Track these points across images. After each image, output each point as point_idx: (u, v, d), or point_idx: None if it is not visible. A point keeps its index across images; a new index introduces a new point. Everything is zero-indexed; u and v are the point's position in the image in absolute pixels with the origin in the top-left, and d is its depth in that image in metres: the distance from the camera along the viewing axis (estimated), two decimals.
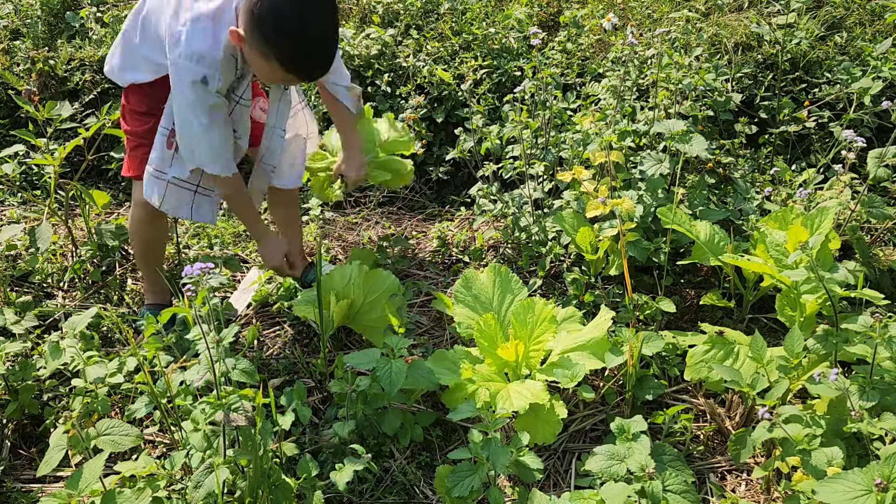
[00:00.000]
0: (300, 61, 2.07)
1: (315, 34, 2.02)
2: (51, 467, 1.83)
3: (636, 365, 2.21)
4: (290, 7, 1.96)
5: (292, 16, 1.96)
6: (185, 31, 2.06)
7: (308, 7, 1.97)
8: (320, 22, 2.01)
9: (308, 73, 2.14)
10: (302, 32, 1.99)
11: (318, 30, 2.02)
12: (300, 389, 2.13)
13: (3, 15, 4.23)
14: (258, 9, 1.96)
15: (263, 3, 1.96)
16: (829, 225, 2.31)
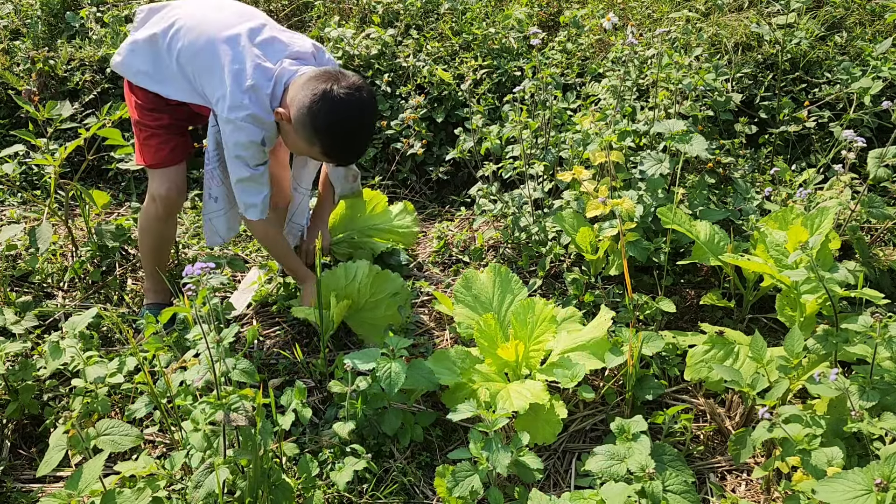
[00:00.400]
0: (343, 156, 2.35)
1: (361, 137, 2.30)
2: (51, 467, 1.83)
3: (636, 365, 2.21)
4: (347, 112, 2.21)
5: (348, 120, 2.22)
6: (249, 97, 2.26)
7: (360, 112, 2.24)
8: (366, 126, 2.29)
9: (345, 163, 2.43)
10: (353, 135, 2.27)
11: (364, 134, 2.30)
12: (300, 389, 2.13)
13: (3, 15, 4.23)
14: (317, 106, 2.19)
15: (323, 103, 2.19)
16: (829, 225, 2.31)
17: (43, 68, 3.80)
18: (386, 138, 3.67)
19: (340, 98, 2.19)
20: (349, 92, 2.21)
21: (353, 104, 2.21)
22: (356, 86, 2.23)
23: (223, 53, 2.29)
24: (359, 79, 2.27)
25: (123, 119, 2.81)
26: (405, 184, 3.66)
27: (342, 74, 2.25)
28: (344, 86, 2.21)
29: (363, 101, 2.24)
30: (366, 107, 2.25)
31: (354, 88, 2.22)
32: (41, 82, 3.81)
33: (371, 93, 2.28)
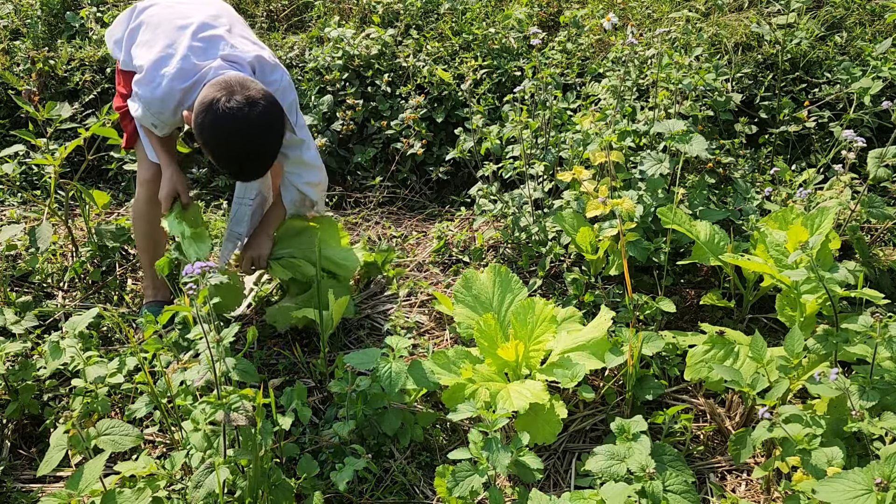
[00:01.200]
0: (231, 172, 2.29)
1: (247, 157, 2.19)
2: (51, 467, 1.83)
3: (636, 365, 2.21)
4: (229, 128, 2.11)
5: (230, 137, 2.13)
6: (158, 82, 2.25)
7: (245, 131, 2.11)
8: (252, 145, 2.16)
9: (237, 179, 2.38)
10: (236, 154, 2.17)
11: (250, 153, 2.18)
12: (300, 389, 2.13)
13: (3, 15, 4.23)
14: (201, 117, 2.13)
15: (206, 114, 2.12)
16: (829, 225, 2.31)
17: (43, 68, 3.80)
18: (386, 138, 3.67)
19: (224, 112, 2.08)
20: (237, 108, 2.08)
21: (238, 121, 2.09)
22: (250, 101, 2.10)
23: (166, 35, 2.32)
24: (258, 95, 2.14)
25: None
26: (405, 184, 3.66)
27: (242, 87, 2.12)
28: (235, 100, 2.09)
29: (251, 120, 2.10)
30: (254, 126, 2.11)
31: (246, 104, 2.09)
32: (41, 82, 3.81)
33: (267, 112, 2.14)
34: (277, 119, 2.19)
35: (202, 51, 2.29)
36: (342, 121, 3.62)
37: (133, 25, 2.48)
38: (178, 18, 2.37)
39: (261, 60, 2.35)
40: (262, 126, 2.13)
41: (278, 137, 2.22)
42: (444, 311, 2.66)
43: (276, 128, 2.19)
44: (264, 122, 2.13)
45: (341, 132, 3.64)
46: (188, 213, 2.38)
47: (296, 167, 2.55)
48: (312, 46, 3.92)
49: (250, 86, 2.15)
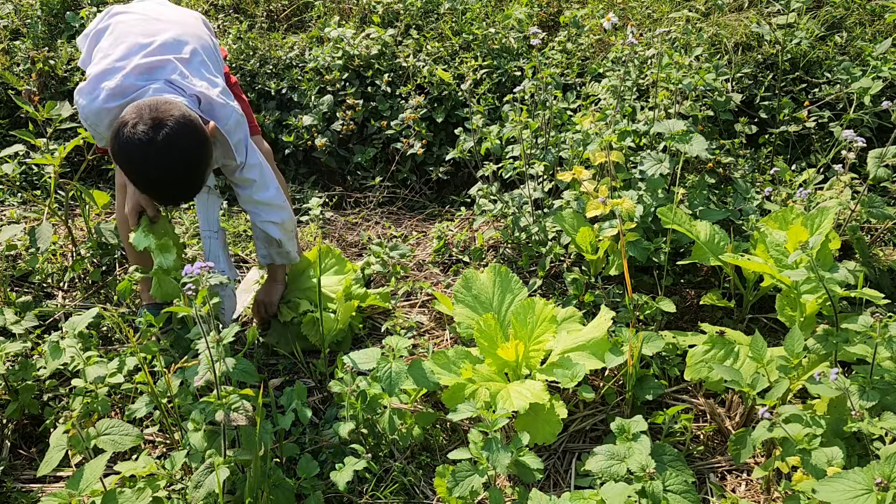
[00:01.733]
0: (151, 196, 2.20)
1: (156, 184, 2.09)
2: (51, 467, 1.83)
3: (636, 365, 2.21)
4: (132, 154, 2.03)
5: (134, 163, 2.05)
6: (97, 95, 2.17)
7: (145, 158, 2.02)
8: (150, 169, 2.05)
9: (159, 202, 2.26)
10: (144, 180, 2.09)
11: (160, 181, 2.08)
12: (300, 389, 2.13)
13: (3, 15, 4.23)
14: (112, 140, 2.06)
15: (114, 138, 2.04)
16: (829, 225, 2.31)
17: (43, 68, 3.80)
18: (386, 138, 3.67)
19: (128, 138, 2.00)
20: (142, 132, 1.98)
21: (139, 147, 1.99)
22: (156, 124, 1.99)
23: (125, 48, 2.23)
24: (169, 117, 2.02)
25: None
26: (405, 184, 3.66)
27: (153, 110, 2.02)
28: (143, 124, 1.99)
29: (153, 145, 1.99)
30: (156, 151, 1.99)
31: (150, 128, 1.99)
32: (41, 82, 3.81)
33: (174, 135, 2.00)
34: (188, 141, 2.05)
35: (148, 71, 2.19)
36: (342, 121, 3.62)
37: (101, 27, 2.40)
38: (143, 36, 2.27)
39: (207, 97, 2.24)
40: (164, 150, 2.00)
41: (188, 161, 2.07)
42: (444, 311, 2.66)
43: (185, 151, 2.05)
44: (168, 146, 2.00)
45: (341, 132, 3.65)
46: (157, 226, 2.32)
47: (253, 206, 2.46)
48: (312, 46, 3.92)
49: (165, 109, 2.03)
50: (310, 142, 3.63)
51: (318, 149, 3.61)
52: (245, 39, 3.90)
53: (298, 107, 3.74)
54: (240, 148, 2.33)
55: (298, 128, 3.62)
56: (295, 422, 2.09)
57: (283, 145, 3.68)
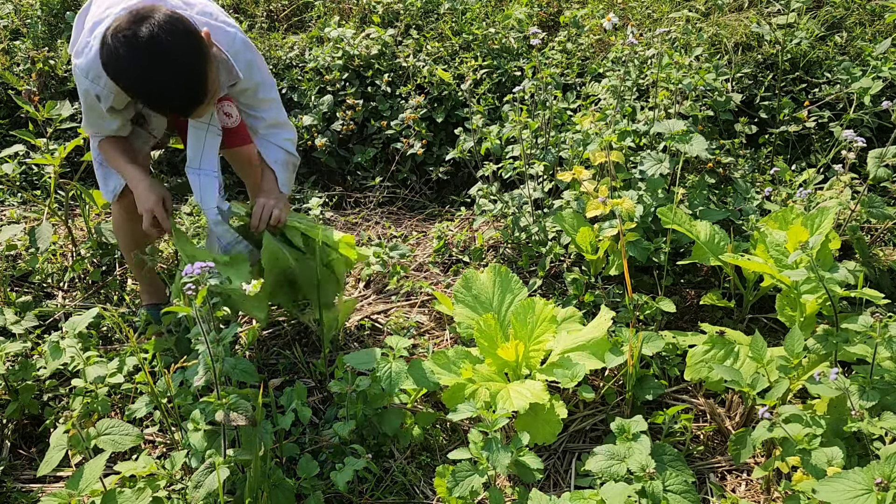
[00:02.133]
0: (150, 107, 2.03)
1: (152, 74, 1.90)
2: (51, 467, 1.83)
3: (636, 365, 2.21)
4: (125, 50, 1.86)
5: (126, 60, 1.88)
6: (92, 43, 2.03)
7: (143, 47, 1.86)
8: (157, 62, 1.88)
9: (163, 113, 2.12)
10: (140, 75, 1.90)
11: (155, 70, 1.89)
12: (300, 389, 2.13)
13: (3, 15, 4.23)
14: (101, 54, 1.92)
15: (104, 48, 1.90)
16: (829, 225, 2.31)
17: (43, 68, 3.80)
18: (386, 138, 3.67)
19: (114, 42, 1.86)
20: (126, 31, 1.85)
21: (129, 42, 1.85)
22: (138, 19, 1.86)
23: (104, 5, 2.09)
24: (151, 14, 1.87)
25: None
26: (405, 184, 3.66)
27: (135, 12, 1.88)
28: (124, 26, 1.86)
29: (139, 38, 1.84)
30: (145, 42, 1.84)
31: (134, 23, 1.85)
32: (41, 82, 3.81)
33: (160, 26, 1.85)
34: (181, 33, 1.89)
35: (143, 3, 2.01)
36: (342, 121, 3.62)
37: (82, 15, 2.25)
38: None
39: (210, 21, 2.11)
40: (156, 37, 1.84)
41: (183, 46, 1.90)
42: (444, 311, 2.66)
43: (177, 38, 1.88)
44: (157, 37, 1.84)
45: (341, 132, 3.65)
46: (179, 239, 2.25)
47: (274, 128, 2.40)
48: (312, 46, 3.92)
49: (146, 9, 1.89)
50: (310, 142, 3.63)
51: (318, 149, 3.61)
52: None
53: (298, 107, 3.74)
54: (253, 68, 2.24)
55: (298, 128, 3.62)
56: (295, 422, 2.09)
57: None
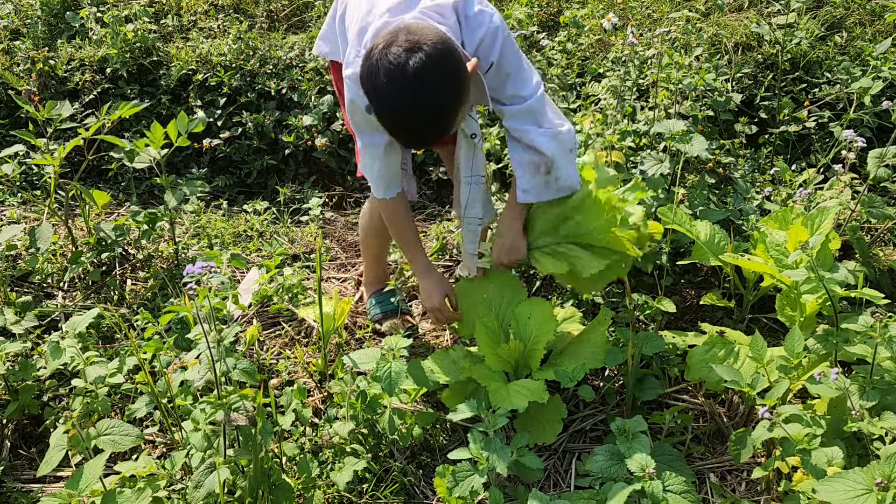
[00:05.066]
0: (395, 137, 1.95)
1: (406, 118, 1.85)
2: (51, 467, 1.83)
3: (636, 365, 2.21)
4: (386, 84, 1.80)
5: (384, 93, 1.82)
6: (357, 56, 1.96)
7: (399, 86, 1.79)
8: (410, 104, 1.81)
9: (405, 144, 2.00)
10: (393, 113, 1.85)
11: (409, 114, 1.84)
12: (300, 389, 2.13)
13: (3, 15, 4.23)
14: (361, 70, 1.86)
15: (365, 69, 1.84)
16: (830, 225, 2.31)
17: (43, 68, 3.80)
18: None
19: (377, 63, 1.79)
20: (393, 56, 1.77)
21: (391, 72, 1.77)
22: (411, 47, 1.77)
23: (365, 6, 2.03)
24: (425, 39, 1.79)
25: (123, 119, 2.81)
26: None
27: (408, 32, 1.80)
28: (395, 47, 1.77)
29: (406, 70, 1.76)
30: (411, 77, 1.76)
31: (405, 51, 1.76)
32: (41, 82, 3.81)
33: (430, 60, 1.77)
34: (445, 69, 1.81)
35: (402, 7, 1.96)
36: (342, 121, 3.61)
37: (340, 12, 2.20)
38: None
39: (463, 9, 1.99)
40: (420, 75, 1.76)
41: (444, 90, 1.82)
42: None
43: (441, 79, 1.81)
44: (420, 76, 1.76)
45: (341, 132, 3.64)
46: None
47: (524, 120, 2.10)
48: (312, 46, 3.92)
49: (419, 31, 1.81)
50: (310, 142, 3.63)
51: (318, 149, 3.61)
52: (245, 39, 3.90)
53: (298, 107, 3.74)
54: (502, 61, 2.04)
55: (298, 128, 3.62)
56: (295, 422, 2.10)
57: (283, 145, 3.68)
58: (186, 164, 3.78)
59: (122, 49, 3.84)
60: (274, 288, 2.83)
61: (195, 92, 3.79)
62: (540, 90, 2.10)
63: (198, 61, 3.85)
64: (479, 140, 2.21)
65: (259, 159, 3.72)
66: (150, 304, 2.83)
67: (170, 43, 4.04)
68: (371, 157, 2.16)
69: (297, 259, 3.15)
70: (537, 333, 2.30)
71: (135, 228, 3.09)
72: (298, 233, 3.32)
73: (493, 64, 2.04)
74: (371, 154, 2.15)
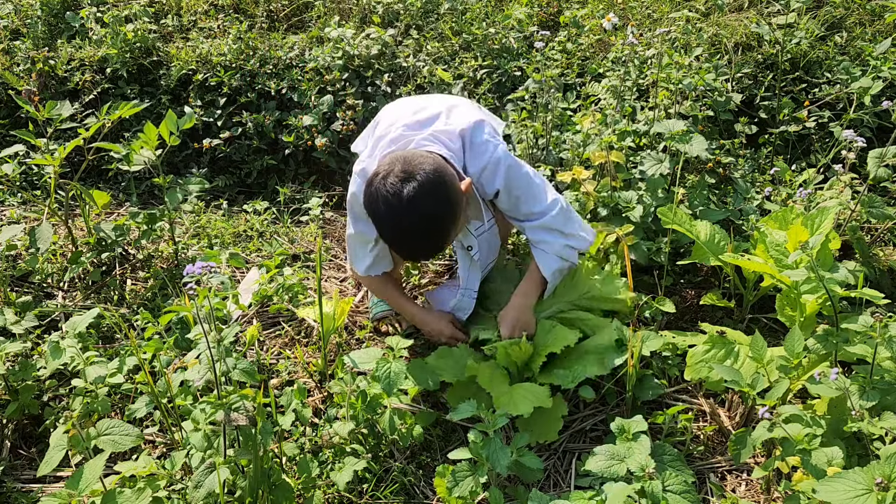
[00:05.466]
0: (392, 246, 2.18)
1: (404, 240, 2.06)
2: (51, 467, 1.83)
3: (636, 365, 2.21)
4: (384, 209, 2.01)
5: (383, 218, 2.03)
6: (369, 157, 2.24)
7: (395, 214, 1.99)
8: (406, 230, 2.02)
9: (405, 258, 2.33)
10: (393, 236, 2.07)
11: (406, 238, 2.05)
12: (300, 389, 2.13)
13: (3, 15, 4.23)
14: (365, 192, 2.07)
15: (365, 192, 2.06)
16: (830, 225, 2.31)
17: (43, 68, 3.80)
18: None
19: (377, 190, 2.00)
20: (390, 184, 1.97)
21: (388, 199, 1.98)
22: (406, 176, 1.97)
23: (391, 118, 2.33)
24: (420, 170, 1.99)
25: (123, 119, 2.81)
26: None
27: (405, 162, 2.01)
28: (392, 176, 1.98)
29: (401, 201, 1.96)
30: (404, 208, 1.96)
31: (400, 181, 1.97)
32: (41, 82, 3.81)
33: (422, 189, 1.97)
34: (437, 196, 2.00)
35: (417, 126, 2.23)
36: (342, 121, 3.61)
37: (377, 120, 2.48)
38: (412, 104, 2.37)
39: (475, 130, 2.22)
40: (414, 202, 1.96)
41: (436, 215, 2.01)
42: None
43: (434, 205, 2.00)
44: (418, 198, 1.96)
45: (341, 132, 3.64)
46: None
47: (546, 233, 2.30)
48: (312, 46, 3.92)
49: (414, 160, 2.02)
50: (310, 142, 3.63)
51: (318, 149, 3.61)
52: (245, 39, 3.90)
53: (298, 107, 3.74)
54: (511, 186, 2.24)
55: (298, 128, 3.62)
56: (295, 422, 2.09)
57: (283, 145, 3.68)
58: (186, 164, 3.78)
59: (122, 49, 3.84)
60: (274, 288, 2.83)
61: (195, 92, 3.79)
62: (558, 206, 2.28)
63: (198, 61, 3.85)
64: (476, 252, 2.39)
65: (259, 159, 3.72)
66: (150, 304, 2.83)
67: (170, 43, 4.04)
68: (362, 243, 2.39)
69: (297, 259, 3.16)
70: (550, 344, 2.29)
71: (135, 228, 3.09)
72: (298, 233, 3.32)
73: (500, 190, 2.24)
74: (361, 241, 2.38)
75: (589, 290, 2.41)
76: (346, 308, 2.55)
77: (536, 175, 2.31)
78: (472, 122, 2.23)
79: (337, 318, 2.52)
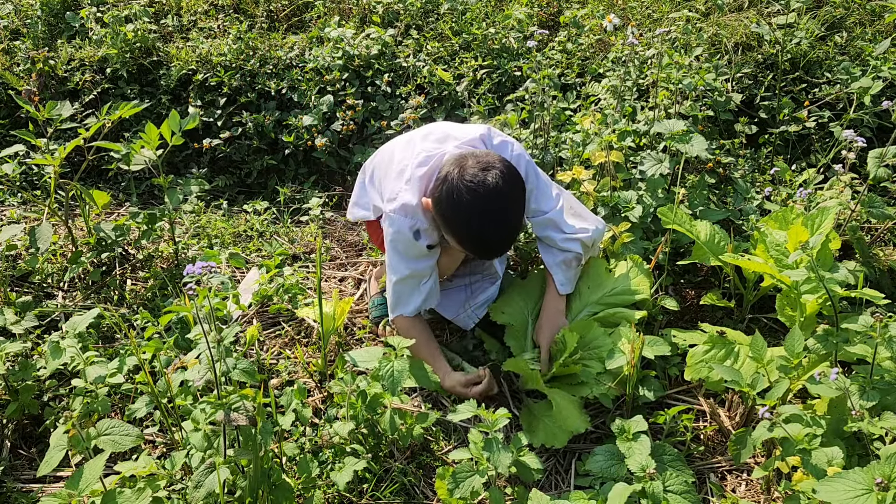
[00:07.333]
0: (475, 250, 2.16)
1: (490, 229, 2.08)
2: (51, 467, 1.83)
3: (637, 365, 2.21)
4: (469, 200, 2.03)
5: (467, 209, 2.05)
6: (405, 188, 2.21)
7: (483, 201, 2.03)
8: (492, 215, 2.05)
9: (484, 257, 2.30)
10: (478, 227, 2.07)
11: (493, 225, 2.07)
12: (300, 389, 2.13)
13: (3, 15, 4.23)
14: (437, 194, 2.09)
15: (444, 190, 2.07)
16: (830, 225, 2.31)
17: (43, 68, 3.80)
18: (386, 138, 3.66)
19: (459, 182, 2.04)
20: (472, 174, 2.03)
21: (474, 188, 2.02)
22: (484, 166, 2.04)
23: (397, 156, 2.33)
24: (493, 159, 2.08)
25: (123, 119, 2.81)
26: None
27: (474, 156, 2.09)
28: (470, 168, 2.04)
29: (487, 185, 2.02)
30: (491, 195, 2.02)
31: (481, 170, 2.03)
32: (41, 82, 3.81)
33: (504, 175, 2.05)
34: (515, 183, 2.11)
35: (437, 142, 2.27)
36: (342, 121, 3.62)
37: (368, 176, 2.49)
38: (400, 141, 2.39)
39: (489, 132, 2.30)
40: (500, 189, 2.04)
41: (518, 202, 2.12)
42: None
43: (515, 192, 2.10)
44: (502, 188, 2.04)
45: (341, 132, 3.65)
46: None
47: (552, 229, 2.35)
48: (312, 46, 3.92)
49: (481, 155, 2.10)
50: (310, 142, 3.63)
51: (318, 149, 3.61)
52: (245, 39, 3.90)
53: (298, 107, 3.74)
54: (529, 174, 2.28)
55: (298, 128, 3.62)
56: (295, 422, 2.09)
57: (283, 145, 3.68)
58: (187, 164, 3.78)
59: (122, 49, 3.84)
60: (274, 288, 2.83)
61: (195, 92, 3.79)
62: (559, 203, 2.35)
63: (198, 61, 3.85)
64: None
65: (259, 159, 3.72)
66: (150, 304, 2.83)
67: (170, 43, 4.04)
68: (413, 283, 2.32)
69: (297, 259, 3.16)
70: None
71: (135, 228, 3.09)
72: (298, 233, 3.32)
73: None
74: (414, 279, 2.31)
75: (613, 287, 2.45)
76: (345, 308, 2.55)
77: (543, 173, 2.40)
78: (484, 128, 2.32)
79: (337, 318, 2.52)
